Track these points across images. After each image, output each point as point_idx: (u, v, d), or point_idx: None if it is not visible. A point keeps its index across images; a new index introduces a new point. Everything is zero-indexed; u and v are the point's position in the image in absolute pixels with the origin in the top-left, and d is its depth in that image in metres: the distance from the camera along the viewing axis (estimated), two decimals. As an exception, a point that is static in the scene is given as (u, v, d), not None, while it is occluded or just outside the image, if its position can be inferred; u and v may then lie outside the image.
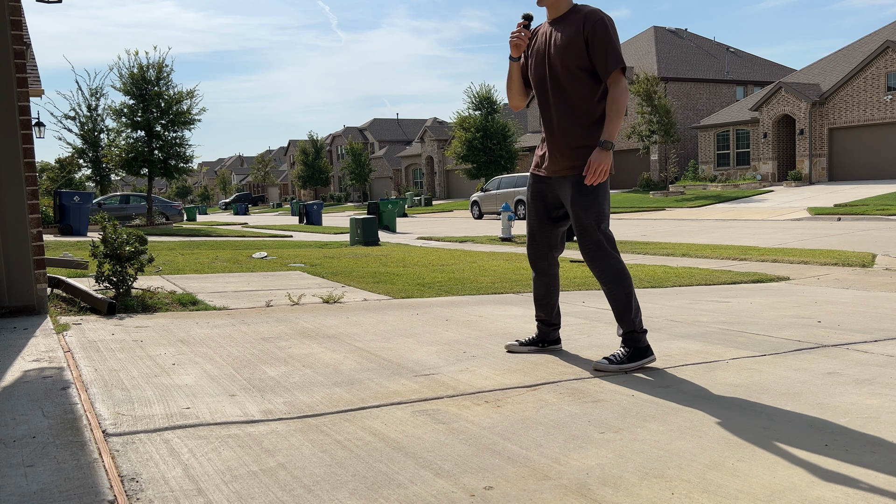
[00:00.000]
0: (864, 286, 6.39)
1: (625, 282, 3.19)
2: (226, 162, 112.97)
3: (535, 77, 3.32)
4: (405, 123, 71.36)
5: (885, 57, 28.38)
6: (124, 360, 3.29)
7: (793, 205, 23.65)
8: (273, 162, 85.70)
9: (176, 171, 23.81)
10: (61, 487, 1.85)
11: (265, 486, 1.91)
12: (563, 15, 3.22)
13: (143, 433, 2.29)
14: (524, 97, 3.51)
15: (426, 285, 6.28)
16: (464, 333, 4.02)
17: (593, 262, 3.22)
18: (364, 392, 2.82)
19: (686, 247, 10.69)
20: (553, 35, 3.21)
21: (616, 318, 3.24)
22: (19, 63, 4.29)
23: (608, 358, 3.18)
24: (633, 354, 3.18)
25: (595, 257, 3.20)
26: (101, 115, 26.78)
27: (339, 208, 52.10)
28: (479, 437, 2.29)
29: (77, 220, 18.33)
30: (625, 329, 3.21)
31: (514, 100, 3.51)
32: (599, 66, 3.10)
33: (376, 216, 15.94)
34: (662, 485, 1.91)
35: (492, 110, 38.88)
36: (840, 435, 2.29)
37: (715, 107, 39.43)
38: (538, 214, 3.41)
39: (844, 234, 13.10)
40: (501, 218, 14.28)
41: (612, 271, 3.19)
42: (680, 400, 2.70)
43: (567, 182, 3.22)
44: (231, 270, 7.66)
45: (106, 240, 4.84)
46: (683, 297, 5.62)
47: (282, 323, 4.35)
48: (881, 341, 3.76)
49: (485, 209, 28.23)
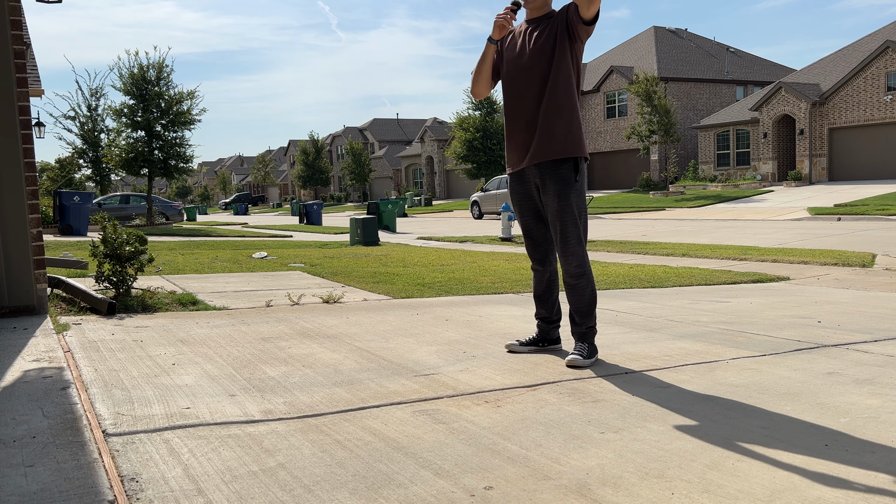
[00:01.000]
0: (864, 286, 6.39)
1: (591, 277, 3.31)
2: (226, 162, 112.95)
3: (508, 71, 3.33)
4: (405, 123, 71.36)
5: (885, 57, 28.39)
6: (124, 360, 3.29)
7: (793, 205, 23.65)
8: (273, 162, 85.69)
9: (176, 171, 23.81)
10: (61, 487, 1.85)
11: (265, 486, 1.91)
12: (542, 16, 3.30)
13: (143, 433, 2.29)
14: (490, 86, 3.50)
15: (426, 285, 6.28)
16: (464, 333, 4.02)
17: (573, 256, 3.25)
18: (364, 392, 2.82)
19: (686, 247, 10.69)
20: (529, 33, 3.28)
21: (580, 315, 3.30)
22: (19, 63, 4.29)
23: (578, 354, 3.25)
24: (592, 350, 3.32)
25: (574, 252, 3.25)
26: (101, 115, 26.78)
27: (339, 208, 52.09)
28: (479, 437, 2.29)
29: (77, 220, 18.34)
30: (589, 325, 3.31)
31: (480, 85, 3.48)
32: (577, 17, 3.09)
33: (376, 216, 15.95)
34: (662, 485, 1.91)
35: (491, 110, 38.90)
36: (840, 435, 2.29)
37: (715, 107, 39.42)
38: (531, 212, 3.44)
39: (844, 234, 13.10)
40: (501, 218, 14.29)
41: (586, 267, 3.28)
42: (680, 400, 2.70)
43: (547, 171, 3.24)
44: (231, 270, 7.66)
45: (106, 240, 4.84)
46: (683, 297, 5.62)
47: (282, 323, 4.35)
48: (881, 341, 3.76)
49: (485, 209, 28.23)
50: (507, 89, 3.38)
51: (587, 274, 3.27)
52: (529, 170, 3.33)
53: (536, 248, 3.48)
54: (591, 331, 3.33)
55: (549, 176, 3.24)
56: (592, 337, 3.34)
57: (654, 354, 3.47)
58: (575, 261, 3.24)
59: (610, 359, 3.38)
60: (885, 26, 32.86)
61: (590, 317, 3.31)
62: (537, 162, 3.27)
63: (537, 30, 3.27)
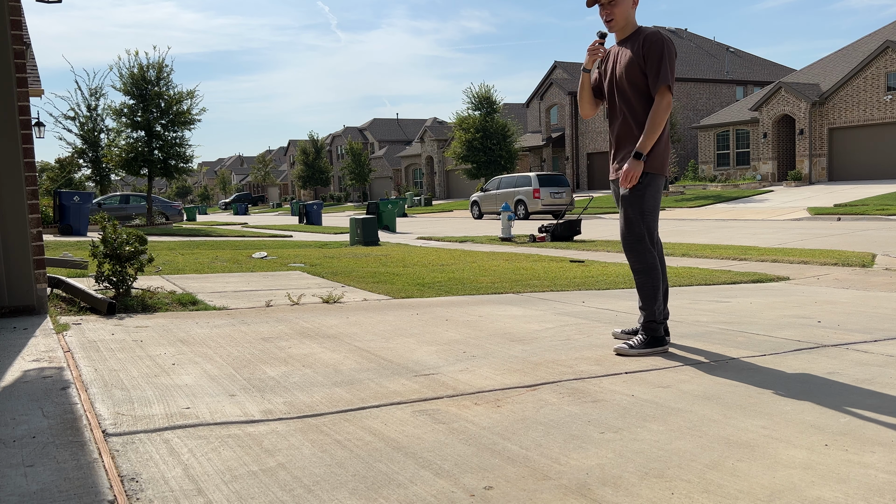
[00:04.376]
0: (864, 286, 6.39)
1: (654, 275, 3.53)
2: (226, 162, 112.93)
3: (606, 90, 3.66)
4: (405, 123, 71.36)
5: (885, 57, 28.39)
6: (124, 360, 3.29)
7: (792, 205, 23.66)
8: (273, 162, 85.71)
9: (176, 171, 23.80)
10: (61, 487, 1.85)
11: (265, 486, 1.91)
12: (629, 36, 3.55)
13: (143, 433, 2.29)
14: (594, 107, 3.79)
15: (426, 285, 6.28)
16: (464, 333, 4.02)
17: (631, 251, 3.54)
18: (364, 392, 2.82)
19: (686, 247, 10.69)
20: (621, 53, 3.55)
21: (640, 307, 3.56)
22: (19, 63, 4.29)
23: (629, 343, 3.49)
24: (650, 342, 3.49)
25: (633, 248, 3.53)
26: (100, 115, 26.77)
27: (338, 208, 52.08)
28: (479, 437, 2.29)
29: (77, 220, 18.33)
30: (646, 318, 3.52)
31: (584, 108, 3.79)
32: (651, 81, 3.44)
33: (376, 216, 15.94)
34: (662, 485, 1.91)
35: (491, 110, 38.85)
36: (840, 435, 2.29)
37: (715, 107, 39.43)
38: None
39: (844, 234, 13.10)
40: (501, 218, 14.28)
41: (647, 264, 3.52)
42: (680, 400, 2.70)
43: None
44: (231, 270, 7.66)
45: (106, 240, 4.84)
46: (683, 297, 5.62)
47: (282, 323, 4.35)
48: (881, 341, 3.76)
49: (485, 209, 28.22)
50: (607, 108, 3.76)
51: (650, 272, 3.54)
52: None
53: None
54: (649, 325, 3.52)
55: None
56: (652, 331, 3.51)
57: (655, 354, 3.47)
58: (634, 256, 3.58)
59: (609, 359, 3.39)
60: (885, 26, 32.87)
61: (647, 310, 3.53)
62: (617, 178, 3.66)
63: (623, 51, 3.53)
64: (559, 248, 11.25)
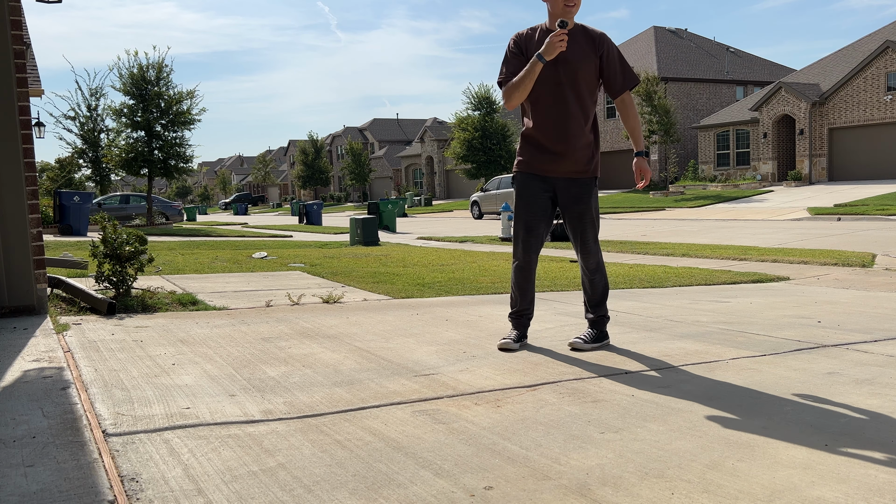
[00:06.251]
0: (864, 286, 6.39)
1: (605, 273, 3.68)
2: (226, 162, 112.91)
3: (550, 78, 3.41)
4: (405, 123, 71.36)
5: (885, 57, 28.38)
6: (124, 360, 3.29)
7: (793, 205, 23.65)
8: (273, 162, 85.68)
9: (176, 171, 23.82)
10: (61, 487, 1.85)
11: (265, 486, 1.91)
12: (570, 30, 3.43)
13: (143, 433, 2.29)
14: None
15: (426, 285, 6.28)
16: (464, 333, 4.02)
17: (592, 254, 3.58)
18: (364, 392, 2.82)
19: (686, 247, 10.69)
20: (570, 43, 3.35)
21: (593, 305, 3.66)
22: (19, 63, 4.29)
23: (581, 338, 3.60)
24: (599, 336, 3.64)
25: (595, 251, 3.59)
26: (100, 115, 26.77)
27: (339, 208, 52.08)
28: (479, 437, 2.29)
29: (77, 220, 18.34)
30: (599, 314, 3.65)
31: (518, 99, 3.50)
32: (615, 82, 3.48)
33: (376, 216, 15.94)
34: (662, 485, 1.91)
35: (491, 110, 38.87)
36: (840, 435, 2.29)
37: (715, 107, 39.42)
38: (541, 211, 3.57)
39: (844, 234, 13.10)
40: (501, 218, 14.28)
41: (601, 264, 3.63)
42: (680, 400, 2.70)
43: (576, 182, 3.52)
44: (231, 270, 7.66)
45: (106, 240, 4.84)
46: (683, 297, 5.62)
47: (282, 323, 4.35)
48: (881, 341, 3.76)
49: (485, 209, 28.22)
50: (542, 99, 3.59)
51: (603, 270, 3.64)
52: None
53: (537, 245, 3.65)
54: (601, 320, 3.65)
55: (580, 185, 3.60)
56: (602, 325, 3.66)
57: (654, 354, 3.48)
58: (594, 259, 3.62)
59: (609, 359, 3.39)
60: (885, 26, 32.87)
61: (601, 307, 3.66)
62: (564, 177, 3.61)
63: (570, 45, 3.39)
64: (559, 248, 11.24)
